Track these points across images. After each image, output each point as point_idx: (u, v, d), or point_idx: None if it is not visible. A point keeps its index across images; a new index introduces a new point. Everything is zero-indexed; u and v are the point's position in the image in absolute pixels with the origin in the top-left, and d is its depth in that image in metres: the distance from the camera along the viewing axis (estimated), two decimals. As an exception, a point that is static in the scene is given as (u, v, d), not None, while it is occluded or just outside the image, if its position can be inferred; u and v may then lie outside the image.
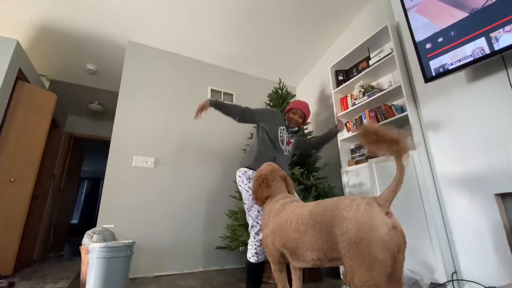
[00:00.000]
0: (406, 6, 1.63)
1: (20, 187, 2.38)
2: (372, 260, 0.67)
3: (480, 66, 1.38)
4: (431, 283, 1.42)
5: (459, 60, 1.36)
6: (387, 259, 0.67)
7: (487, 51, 1.25)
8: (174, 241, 2.35)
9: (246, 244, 2.01)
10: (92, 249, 1.52)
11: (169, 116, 2.64)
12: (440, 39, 1.44)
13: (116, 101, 2.55)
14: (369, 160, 1.91)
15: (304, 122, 1.80)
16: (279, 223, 1.01)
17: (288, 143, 1.68)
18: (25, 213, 2.40)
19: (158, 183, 2.42)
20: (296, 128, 1.80)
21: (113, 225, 2.12)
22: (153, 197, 2.37)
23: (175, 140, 2.61)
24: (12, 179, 2.32)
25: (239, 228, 2.07)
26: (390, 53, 1.89)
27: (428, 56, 1.50)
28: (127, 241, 1.63)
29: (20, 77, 2.46)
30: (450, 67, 1.39)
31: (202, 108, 1.56)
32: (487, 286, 1.28)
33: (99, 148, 5.63)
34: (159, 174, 2.44)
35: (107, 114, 4.26)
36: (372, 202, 0.75)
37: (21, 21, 2.39)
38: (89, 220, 6.95)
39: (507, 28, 1.18)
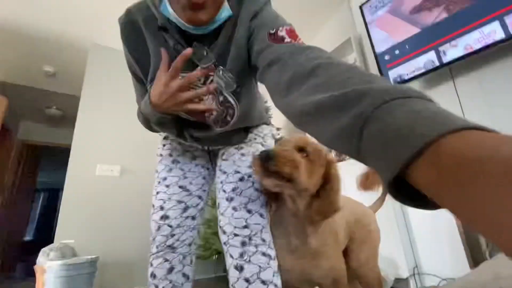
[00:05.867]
0: (367, 20, 1.75)
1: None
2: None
3: (431, 77, 1.52)
4: (396, 278, 1.51)
5: (413, 71, 1.49)
6: None
7: (437, 64, 1.39)
8: (142, 254, 2.22)
9: (219, 253, 1.97)
10: (49, 268, 1.39)
11: (135, 121, 2.52)
12: (397, 52, 1.57)
13: (77, 105, 2.39)
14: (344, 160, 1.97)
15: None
16: None
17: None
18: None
19: (124, 192, 2.29)
20: (211, 26, 0.58)
21: (72, 241, 1.96)
22: (119, 207, 2.24)
23: (142, 147, 2.49)
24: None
25: (212, 237, 2.03)
26: (353, 63, 2.01)
27: (387, 66, 1.62)
28: (89, 257, 1.52)
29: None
30: (406, 77, 1.52)
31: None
32: (444, 278, 1.39)
33: (57, 157, 5.20)
34: (125, 183, 2.32)
35: (67, 120, 3.96)
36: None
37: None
38: (46, 236, 6.35)
39: (453, 43, 1.32)
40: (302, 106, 0.34)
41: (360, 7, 1.78)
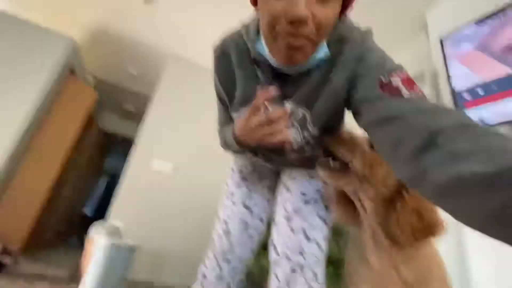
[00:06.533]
0: (447, 54, 1.60)
1: (47, 169, 2.53)
2: None
3: (523, 125, 1.29)
4: None
5: (501, 116, 1.29)
6: None
7: (533, 111, 1.18)
8: (184, 252, 2.30)
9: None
10: (97, 244, 1.54)
11: (195, 126, 2.71)
12: (480, 92, 1.39)
13: (148, 104, 2.69)
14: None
15: (324, 26, 0.45)
16: None
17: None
18: (46, 194, 2.52)
19: (175, 189, 2.45)
20: (305, 66, 0.54)
21: (122, 224, 2.15)
22: (169, 202, 2.39)
23: (196, 151, 2.65)
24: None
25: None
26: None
27: (465, 106, 1.44)
28: (132, 242, 1.64)
29: (70, 71, 2.71)
30: (491, 122, 1.32)
31: None
32: None
33: (124, 146, 5.89)
34: (177, 180, 2.48)
35: (138, 115, 4.50)
36: None
37: (80, 22, 2.66)
38: (103, 214, 7.13)
39: (558, 89, 1.11)
40: (439, 178, 0.30)
41: (441, 40, 1.65)
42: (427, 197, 0.33)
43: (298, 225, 0.67)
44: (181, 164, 2.55)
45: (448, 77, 1.55)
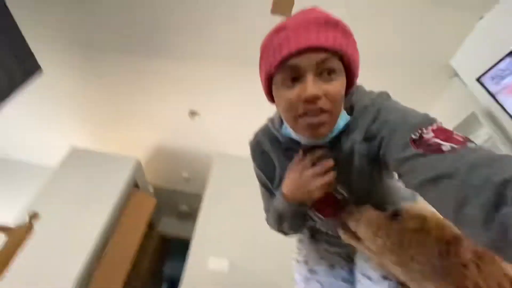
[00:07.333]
0: (492, 91, 1.51)
1: (114, 279, 2.58)
2: None
3: None
4: None
5: None
6: None
7: None
8: None
9: None
10: None
11: (247, 219, 2.66)
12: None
13: (201, 203, 2.83)
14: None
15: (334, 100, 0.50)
16: None
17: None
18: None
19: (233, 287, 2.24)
20: (330, 135, 0.57)
21: None
22: None
23: (252, 242, 2.52)
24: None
25: None
26: (489, 138, 1.64)
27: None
28: None
29: (135, 185, 3.10)
30: None
31: None
32: None
33: (182, 248, 5.90)
34: (234, 278, 2.30)
35: (192, 215, 4.68)
36: None
37: (140, 143, 3.21)
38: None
39: None
40: None
41: (478, 80, 1.59)
42: None
43: None
44: (237, 260, 2.41)
45: (506, 111, 1.42)
